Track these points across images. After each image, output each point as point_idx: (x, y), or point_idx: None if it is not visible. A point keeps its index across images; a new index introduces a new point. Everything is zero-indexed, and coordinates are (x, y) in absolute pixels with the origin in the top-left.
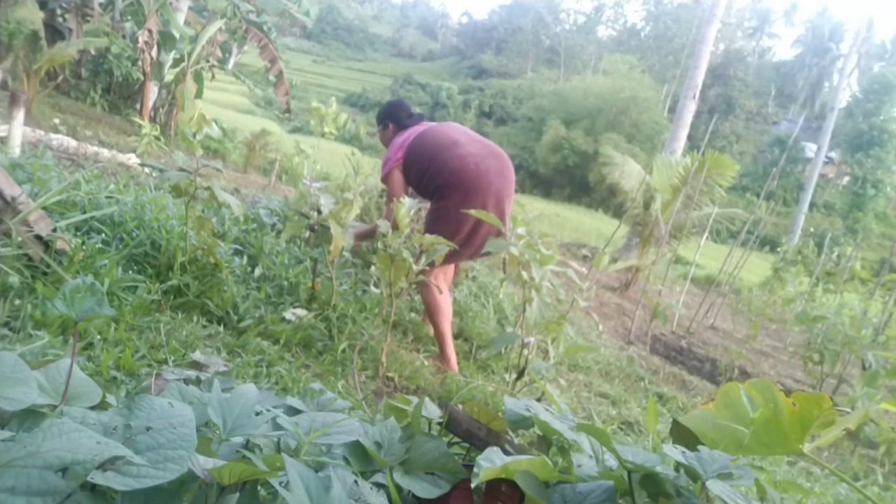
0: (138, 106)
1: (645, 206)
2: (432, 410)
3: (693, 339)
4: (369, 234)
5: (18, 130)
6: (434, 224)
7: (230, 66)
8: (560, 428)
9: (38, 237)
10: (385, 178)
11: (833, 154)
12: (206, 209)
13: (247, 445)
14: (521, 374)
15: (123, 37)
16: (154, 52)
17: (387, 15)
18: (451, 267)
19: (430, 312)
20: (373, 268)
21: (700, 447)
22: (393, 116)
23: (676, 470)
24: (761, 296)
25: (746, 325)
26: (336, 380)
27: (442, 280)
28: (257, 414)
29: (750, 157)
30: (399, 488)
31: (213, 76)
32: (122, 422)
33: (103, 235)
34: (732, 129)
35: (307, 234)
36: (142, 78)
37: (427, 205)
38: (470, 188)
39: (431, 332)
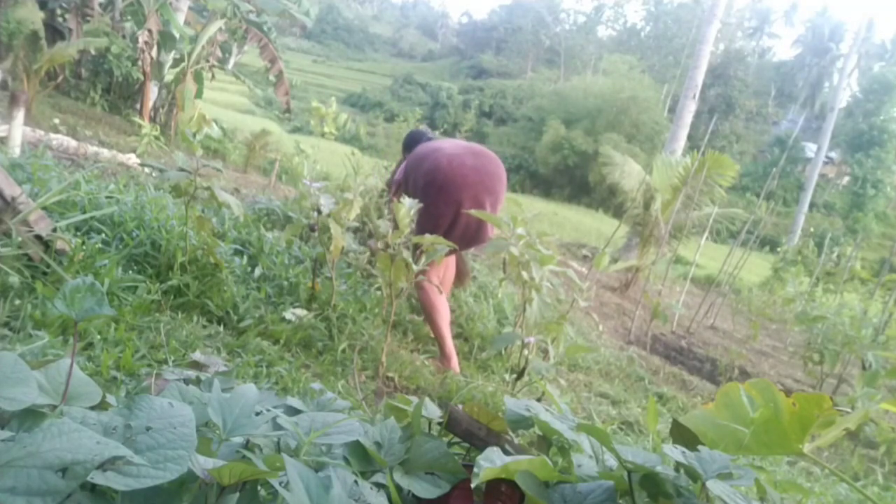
0: (138, 106)
1: (645, 206)
2: (432, 410)
3: (693, 339)
4: None
5: (18, 130)
6: (417, 222)
7: (230, 66)
8: (560, 428)
9: (38, 237)
10: (390, 200)
11: (833, 154)
12: (206, 209)
13: (247, 445)
14: (521, 374)
15: (123, 37)
16: (154, 52)
17: (387, 15)
18: (447, 267)
19: (426, 313)
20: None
21: (700, 447)
22: (408, 146)
23: (676, 470)
24: (761, 296)
25: (746, 325)
26: (336, 380)
27: (437, 280)
28: (257, 414)
29: (750, 157)
30: (399, 488)
31: (213, 76)
32: (122, 422)
33: (103, 235)
34: (732, 129)
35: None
36: (142, 78)
37: None
38: (443, 183)
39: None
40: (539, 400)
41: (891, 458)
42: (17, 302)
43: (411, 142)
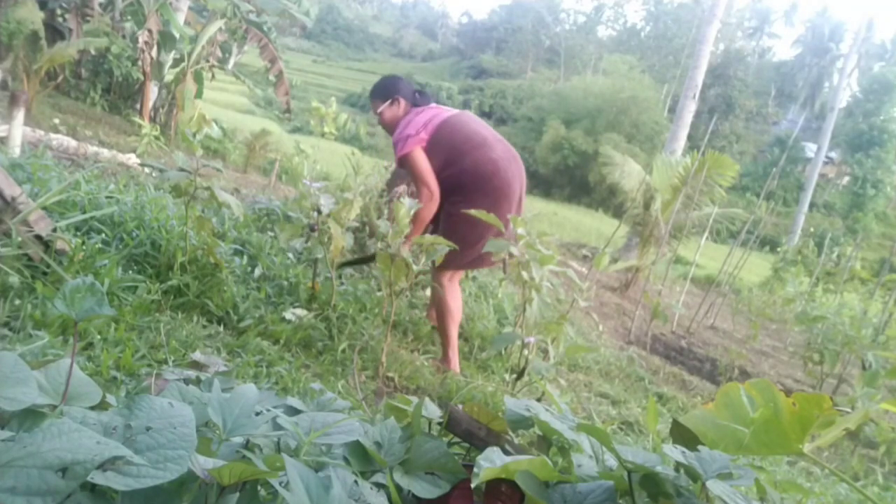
0: (138, 106)
1: (645, 206)
2: (432, 410)
3: (693, 339)
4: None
5: (18, 130)
6: (459, 227)
7: (230, 66)
8: (560, 428)
9: (38, 237)
10: (406, 157)
11: (833, 154)
12: (206, 209)
13: (247, 445)
14: (521, 374)
15: (123, 37)
16: (154, 52)
17: (387, 15)
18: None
19: (440, 313)
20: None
21: (700, 447)
22: (402, 91)
23: (676, 470)
24: (761, 296)
25: (746, 325)
26: (336, 380)
27: (456, 282)
28: (257, 414)
29: (750, 157)
30: (399, 488)
31: (213, 76)
32: (122, 422)
33: (103, 235)
34: (732, 129)
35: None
36: (142, 78)
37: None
38: (499, 195)
39: (434, 321)
40: (539, 400)
41: (891, 458)
42: (17, 302)
43: (407, 87)
